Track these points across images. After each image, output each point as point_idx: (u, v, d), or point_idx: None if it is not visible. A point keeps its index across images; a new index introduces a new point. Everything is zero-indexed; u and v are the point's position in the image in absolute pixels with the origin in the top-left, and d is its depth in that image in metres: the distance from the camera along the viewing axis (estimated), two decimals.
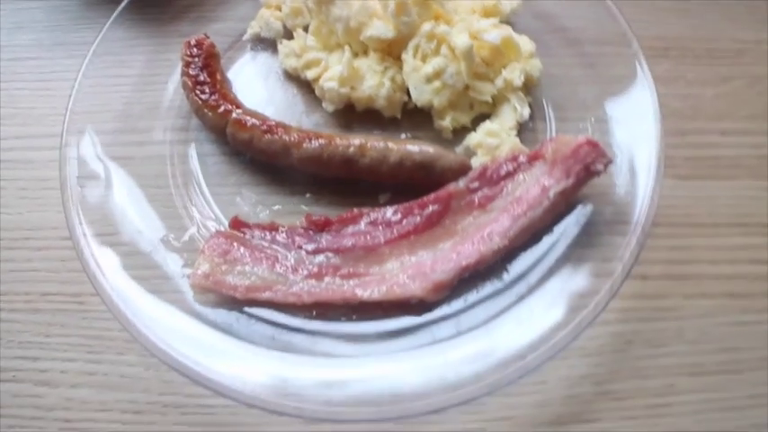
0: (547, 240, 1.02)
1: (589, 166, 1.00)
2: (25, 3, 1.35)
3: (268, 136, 1.06)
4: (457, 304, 0.97)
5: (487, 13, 1.16)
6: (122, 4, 1.20)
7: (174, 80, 1.17)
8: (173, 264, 1.02)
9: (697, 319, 1.02)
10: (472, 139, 1.10)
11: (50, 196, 1.12)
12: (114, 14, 1.19)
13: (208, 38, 1.15)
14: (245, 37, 1.24)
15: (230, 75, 1.20)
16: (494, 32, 1.09)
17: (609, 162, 1.01)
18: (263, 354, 0.93)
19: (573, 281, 0.97)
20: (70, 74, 1.18)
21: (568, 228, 1.02)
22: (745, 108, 1.21)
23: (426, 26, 1.08)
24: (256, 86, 1.21)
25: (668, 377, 0.98)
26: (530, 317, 0.94)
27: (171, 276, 1.01)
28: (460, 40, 1.07)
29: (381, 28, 1.09)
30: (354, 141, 1.04)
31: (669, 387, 0.98)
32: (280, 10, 1.23)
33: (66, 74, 1.21)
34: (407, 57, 1.09)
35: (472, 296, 0.98)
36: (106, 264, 0.99)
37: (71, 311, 1.04)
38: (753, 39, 1.27)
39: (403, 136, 1.14)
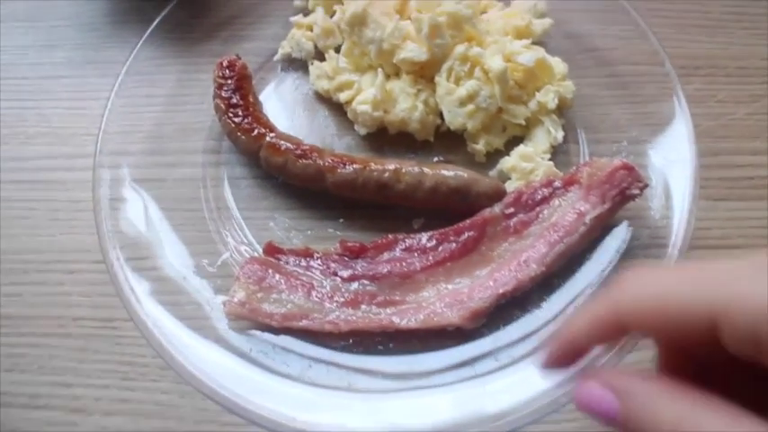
0: (583, 265, 1.01)
1: (625, 190, 1.00)
2: (56, 20, 1.34)
3: (302, 160, 1.05)
4: (495, 332, 0.96)
5: (520, 34, 1.14)
6: (154, 23, 1.19)
7: (206, 100, 1.16)
8: (206, 290, 1.01)
9: None
10: (506, 162, 1.09)
11: (82, 218, 1.10)
12: (146, 33, 1.18)
13: (240, 59, 1.14)
14: (276, 57, 1.23)
15: (261, 96, 1.18)
16: (528, 54, 1.08)
17: (645, 186, 1.01)
18: (297, 385, 0.93)
19: None
20: (101, 93, 1.18)
21: (605, 252, 1.01)
22: None
23: (460, 48, 1.07)
24: (287, 108, 1.20)
25: None
26: None
27: (205, 302, 1.00)
28: (495, 62, 1.06)
29: (415, 50, 1.07)
30: (389, 166, 1.03)
31: None
32: (311, 30, 1.21)
33: (97, 93, 1.21)
34: (441, 80, 1.08)
35: (510, 324, 0.97)
36: (140, 288, 0.99)
37: (104, 337, 1.03)
38: None
39: (435, 159, 1.13)
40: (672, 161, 1.06)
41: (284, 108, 1.20)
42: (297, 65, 1.24)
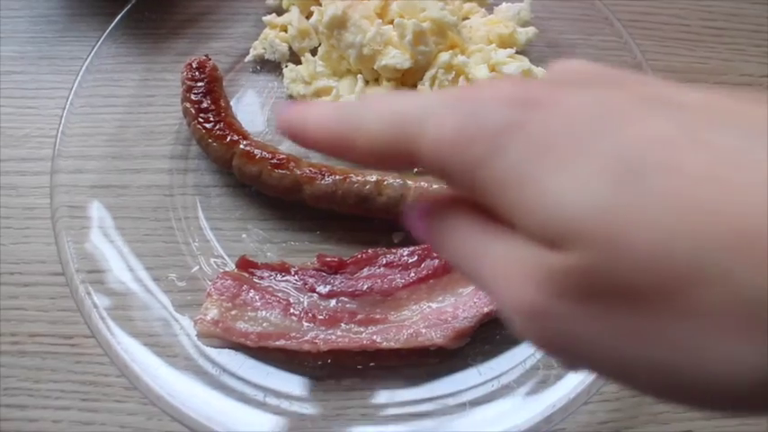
0: None
1: None
2: (7, 11, 1.24)
3: (278, 170, 0.99)
4: (477, 355, 0.94)
5: (503, 43, 1.11)
6: (117, 18, 1.11)
7: (171, 102, 1.09)
8: (174, 305, 0.95)
9: None
10: None
11: (37, 226, 1.03)
12: (110, 28, 1.10)
13: (210, 59, 1.07)
14: (248, 58, 1.16)
15: (231, 100, 1.11)
16: (513, 65, 1.05)
17: None
18: (269, 408, 0.89)
19: None
20: (57, 91, 1.11)
21: None
22: None
23: (444, 56, 1.03)
24: (258, 112, 1.13)
25: (685, 422, 0.96)
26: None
27: (173, 319, 0.94)
28: (480, 72, 1.02)
29: (398, 57, 1.03)
30: (370, 178, 0.98)
31: None
32: (285, 31, 1.15)
33: (53, 91, 1.13)
34: (424, 88, 1.04)
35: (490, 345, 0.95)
36: (102, 303, 0.93)
37: (63, 354, 0.96)
38: (758, 73, 1.25)
39: (416, 169, 1.08)
40: None
41: (256, 113, 1.13)
42: (269, 66, 1.17)
